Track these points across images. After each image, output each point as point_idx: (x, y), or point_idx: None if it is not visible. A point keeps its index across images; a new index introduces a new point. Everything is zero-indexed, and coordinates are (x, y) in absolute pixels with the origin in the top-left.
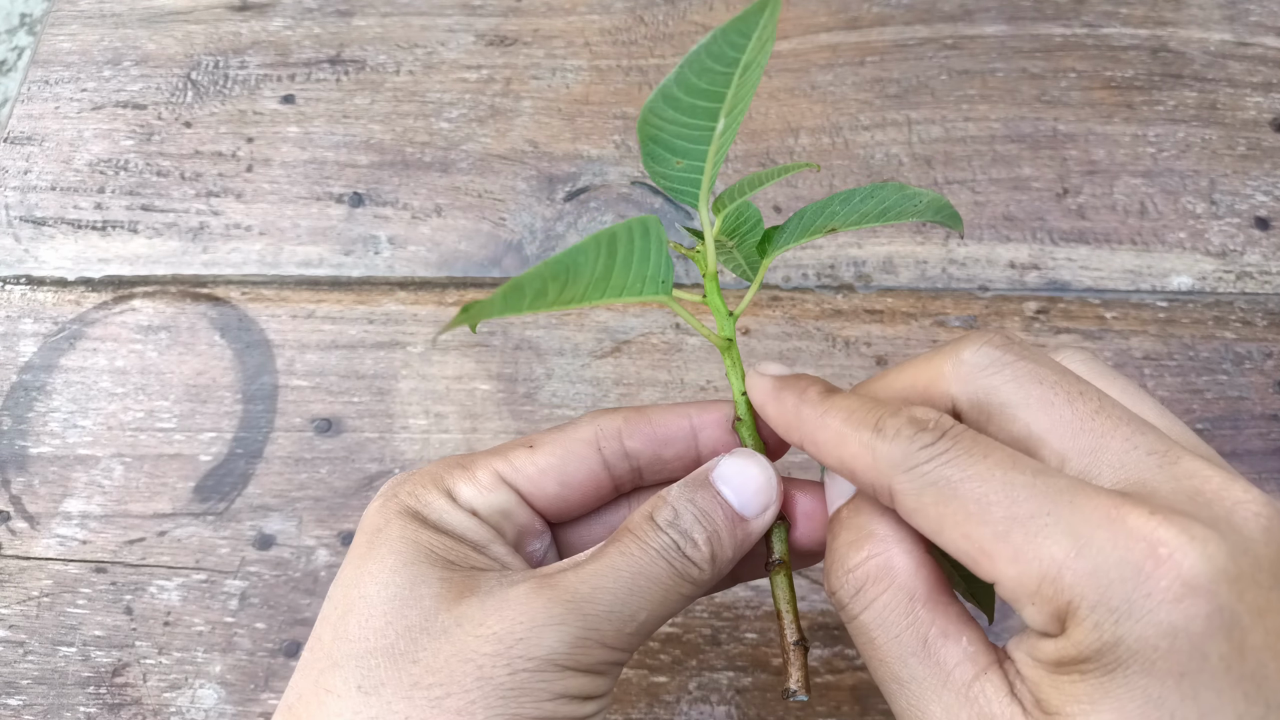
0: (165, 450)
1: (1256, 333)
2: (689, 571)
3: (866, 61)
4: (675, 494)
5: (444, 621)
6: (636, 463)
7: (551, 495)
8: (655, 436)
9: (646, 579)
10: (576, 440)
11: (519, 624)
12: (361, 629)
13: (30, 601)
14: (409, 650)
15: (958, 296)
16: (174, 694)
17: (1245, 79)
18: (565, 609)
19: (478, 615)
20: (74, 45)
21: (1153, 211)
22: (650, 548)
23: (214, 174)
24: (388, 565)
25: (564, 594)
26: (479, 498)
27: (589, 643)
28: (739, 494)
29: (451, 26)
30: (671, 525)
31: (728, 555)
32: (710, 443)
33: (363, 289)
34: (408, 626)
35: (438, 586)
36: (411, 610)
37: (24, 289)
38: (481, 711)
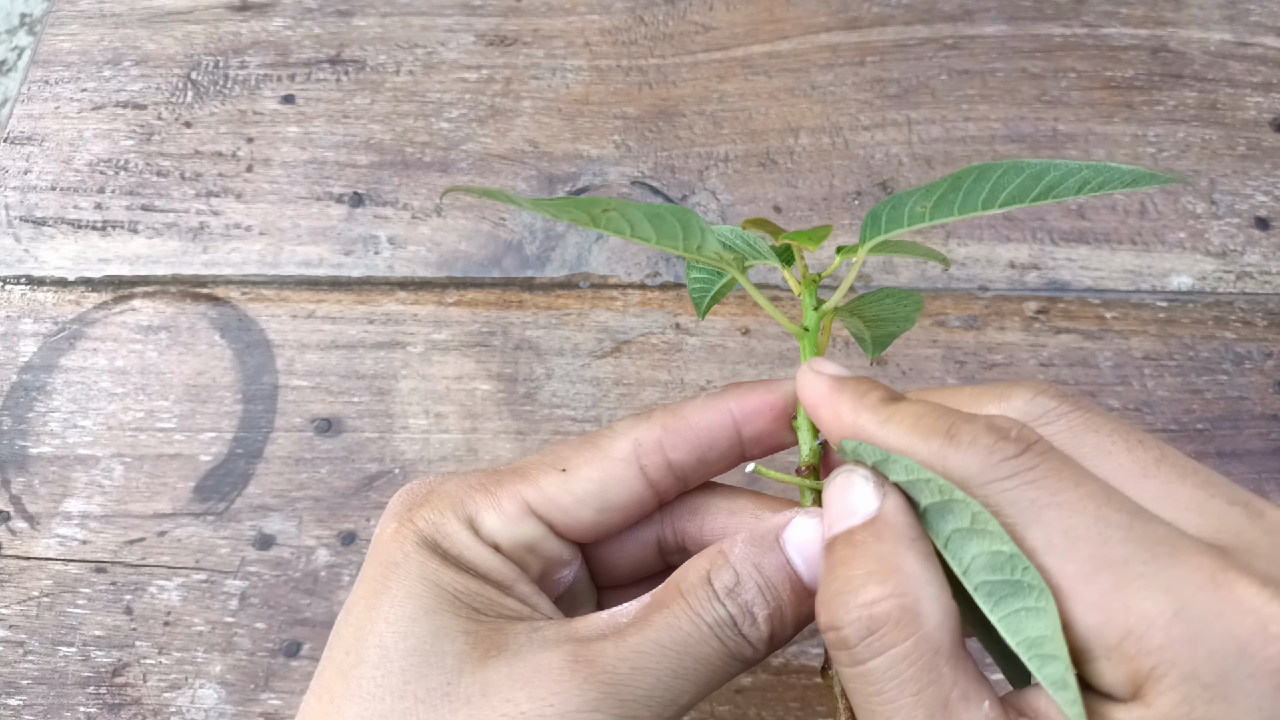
0: (165, 450)
1: (1256, 333)
2: (742, 651)
3: (867, 61)
4: (739, 555)
5: (468, 688)
6: (681, 473)
7: (588, 524)
8: (699, 443)
9: (694, 659)
10: (615, 461)
11: (549, 707)
12: (377, 687)
13: (30, 601)
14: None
15: (957, 296)
16: (174, 694)
17: (1245, 79)
18: (601, 693)
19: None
20: (74, 45)
21: (1153, 211)
22: (703, 622)
23: (214, 174)
24: (407, 612)
25: (601, 673)
26: (503, 530)
27: None
28: (812, 564)
29: (451, 26)
30: (730, 596)
31: (787, 634)
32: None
33: (363, 289)
34: (429, 690)
35: (461, 642)
36: (433, 670)
37: (24, 289)
38: None
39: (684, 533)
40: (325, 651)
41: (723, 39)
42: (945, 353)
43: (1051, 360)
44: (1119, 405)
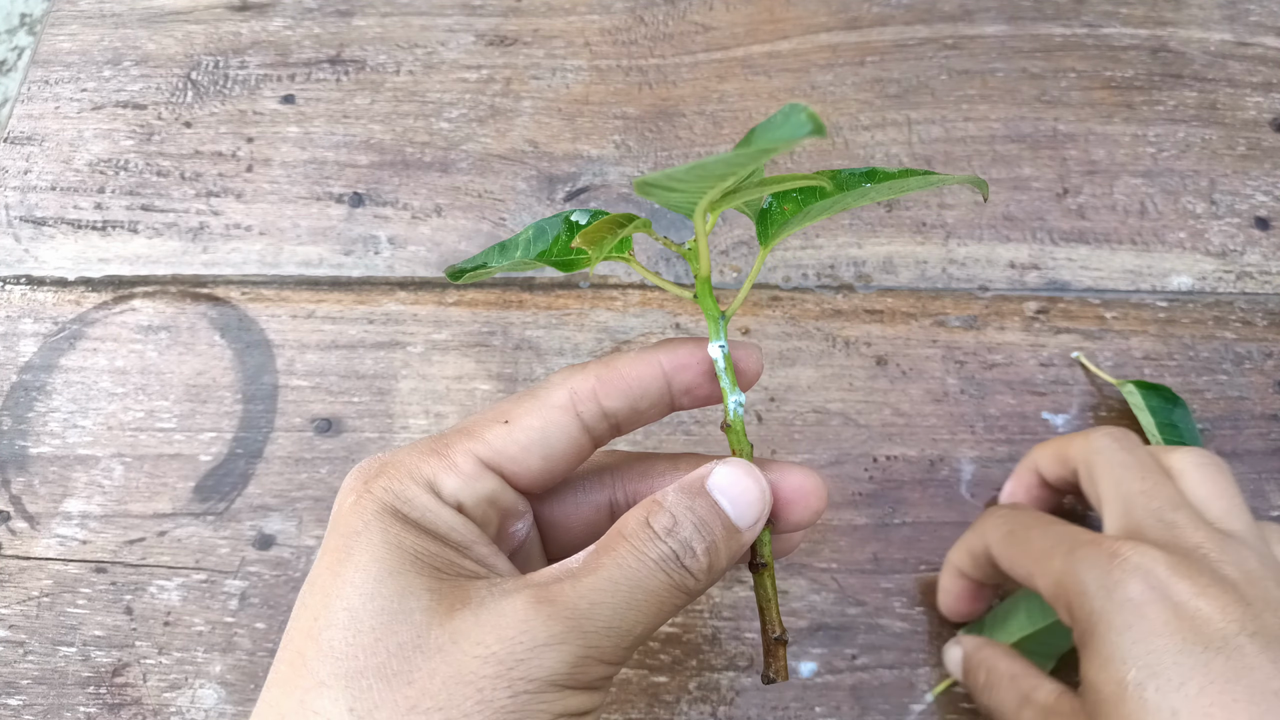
0: (165, 450)
1: (1256, 333)
2: (685, 582)
3: (867, 61)
4: (673, 500)
5: (438, 639)
6: (615, 420)
7: (536, 471)
8: (630, 392)
9: (644, 591)
10: (553, 409)
11: (519, 644)
12: (349, 645)
13: (30, 601)
14: (403, 670)
15: (958, 296)
16: (174, 694)
17: (1245, 79)
18: (565, 627)
19: (473, 632)
20: (74, 45)
21: (1153, 211)
22: (649, 558)
23: (214, 174)
24: (372, 574)
25: (563, 610)
26: (464, 489)
27: (588, 660)
28: (735, 505)
29: (451, 26)
30: (670, 534)
31: (721, 566)
32: (684, 388)
33: (363, 289)
34: (400, 644)
35: (427, 599)
36: (402, 626)
37: (24, 289)
38: None
39: (635, 494)
40: (290, 624)
41: (723, 39)
42: (945, 353)
43: (1052, 360)
44: (1120, 405)
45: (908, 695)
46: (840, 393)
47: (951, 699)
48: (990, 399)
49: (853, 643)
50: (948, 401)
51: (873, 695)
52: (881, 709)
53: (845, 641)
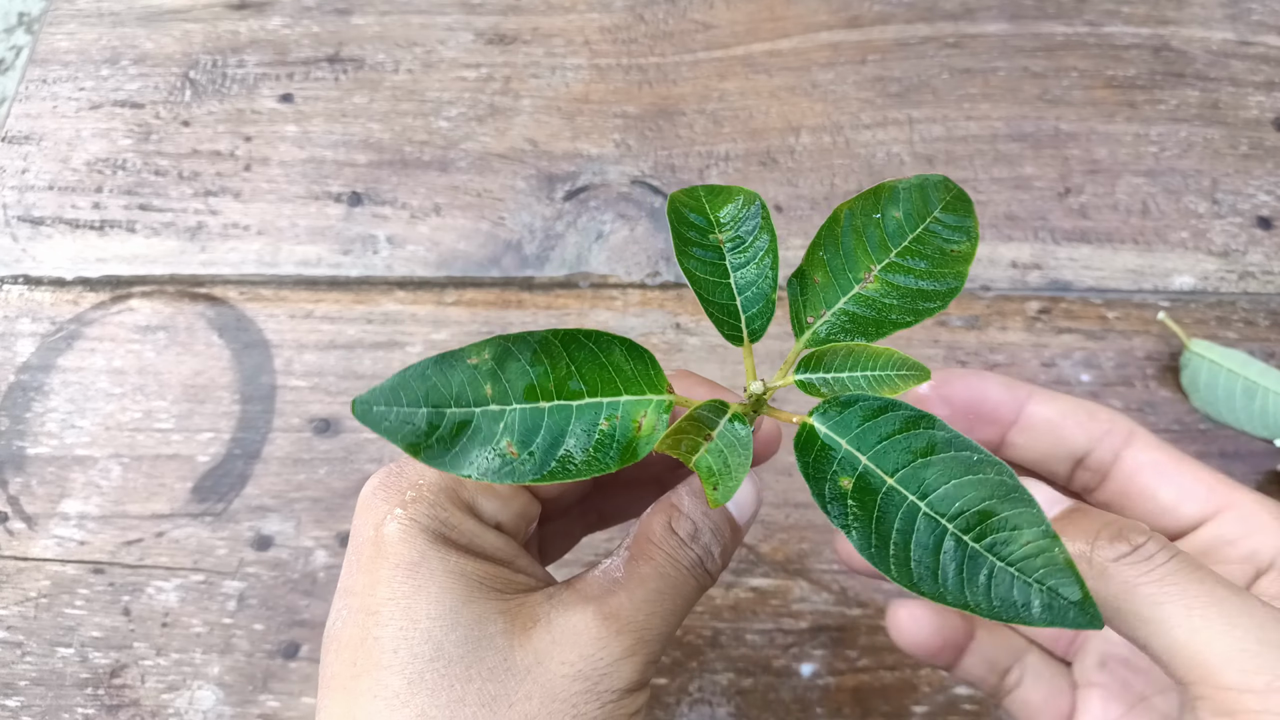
0: (163, 451)
1: (1259, 332)
2: (706, 583)
3: (868, 60)
4: (690, 506)
5: (523, 660)
6: None
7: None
8: None
9: (681, 597)
10: None
11: (600, 661)
12: (441, 676)
13: (28, 602)
14: (501, 694)
15: (959, 296)
16: (172, 695)
17: (1247, 78)
18: (634, 639)
19: (554, 651)
20: (72, 44)
21: (1155, 211)
22: (682, 567)
23: (212, 173)
24: (447, 607)
25: (629, 625)
26: (503, 510)
27: (650, 665)
28: (738, 506)
29: (450, 25)
30: (695, 541)
31: (726, 564)
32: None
33: (361, 289)
34: (490, 668)
35: (501, 623)
36: (487, 652)
37: (21, 289)
38: None
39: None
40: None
41: (723, 37)
42: (947, 352)
43: (1054, 360)
44: (1121, 405)
45: (909, 696)
46: None
47: (951, 700)
48: None
49: (854, 644)
50: None
51: (874, 697)
52: (883, 710)
53: (847, 643)
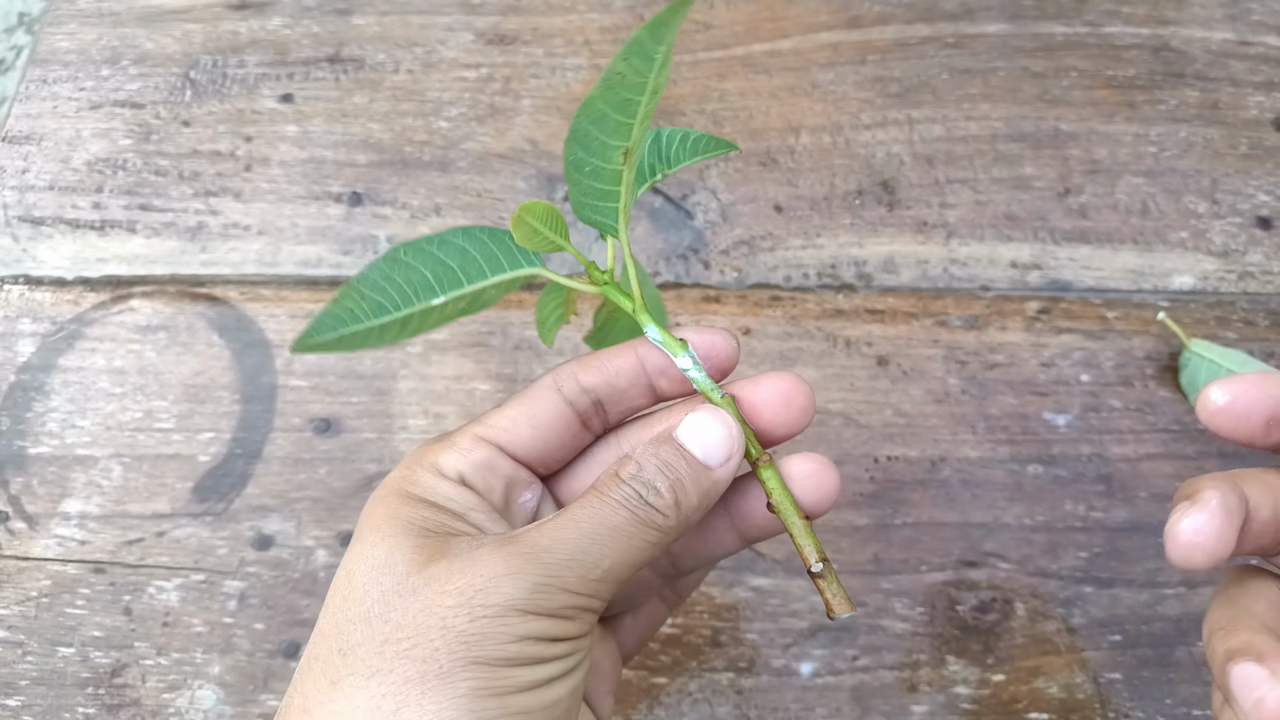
0: (164, 450)
1: (1259, 332)
2: (653, 518)
3: (868, 60)
4: (640, 451)
5: (414, 583)
6: (595, 396)
7: (527, 440)
8: (606, 369)
9: (607, 528)
10: (538, 387)
11: (480, 576)
12: (344, 600)
13: (29, 602)
14: (382, 612)
15: (959, 296)
16: (173, 695)
17: (1247, 78)
18: (524, 560)
19: (444, 575)
20: (72, 44)
21: (1155, 211)
22: (611, 499)
23: (212, 173)
24: (369, 543)
25: (523, 547)
26: (462, 460)
27: (549, 589)
28: (701, 445)
29: (451, 25)
30: (634, 478)
31: (693, 502)
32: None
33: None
34: (382, 592)
35: (410, 553)
36: (385, 577)
37: (22, 289)
38: (445, 656)
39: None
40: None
41: (723, 37)
42: (946, 353)
43: (1053, 360)
44: (1121, 405)
45: (908, 696)
46: (841, 393)
47: (951, 699)
48: (991, 399)
49: (853, 643)
50: (949, 402)
51: (873, 696)
52: (882, 709)
53: (846, 642)
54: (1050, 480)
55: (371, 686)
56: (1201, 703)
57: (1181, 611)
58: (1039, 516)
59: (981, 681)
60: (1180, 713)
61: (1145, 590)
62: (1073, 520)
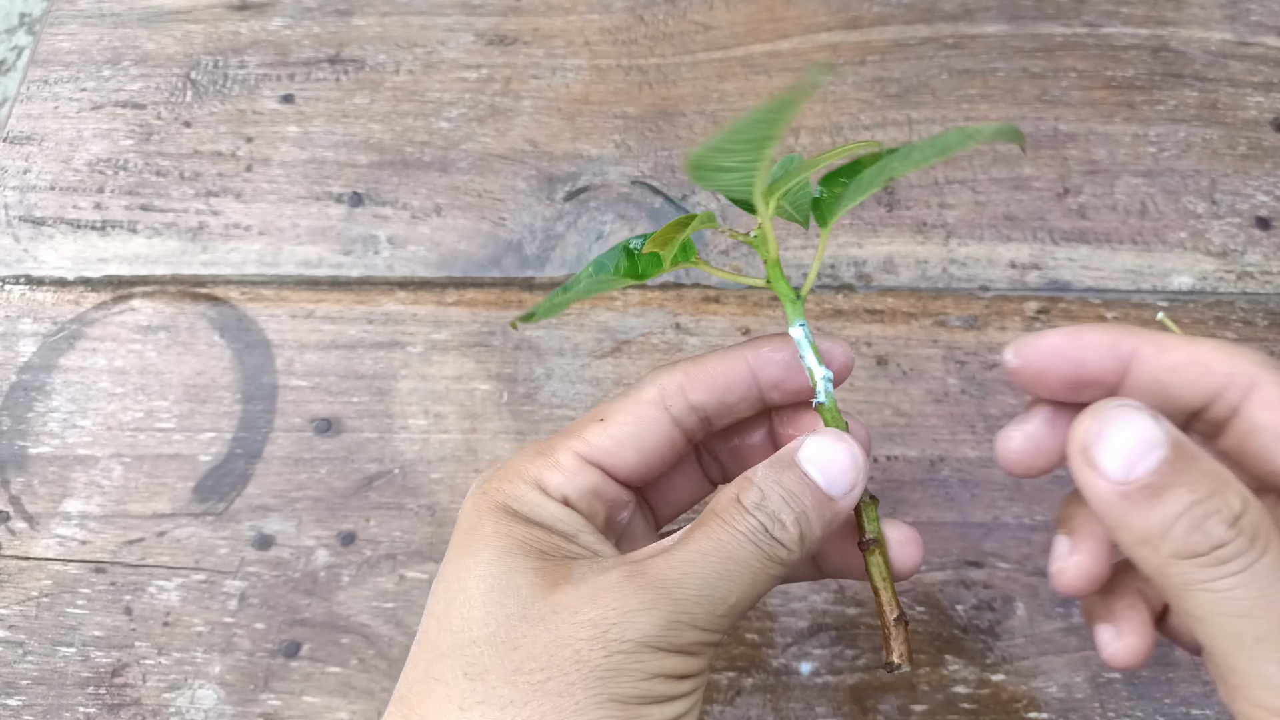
0: (164, 450)
1: (1257, 333)
2: (777, 553)
3: (867, 61)
4: (761, 476)
5: (541, 610)
6: (704, 414)
7: (632, 464)
8: (717, 385)
9: (735, 562)
10: (644, 404)
11: (612, 609)
12: (464, 620)
13: (29, 602)
14: (510, 638)
15: (958, 296)
16: (173, 694)
17: (1246, 79)
18: (656, 595)
19: (573, 603)
20: (73, 45)
21: (1153, 211)
22: (738, 531)
23: (213, 173)
24: (484, 559)
25: (654, 580)
26: (567, 484)
27: (680, 625)
28: (825, 473)
29: (451, 26)
30: (759, 508)
31: (816, 535)
32: (771, 379)
33: (362, 289)
34: (507, 615)
35: (532, 576)
36: (510, 600)
37: (23, 289)
38: (581, 691)
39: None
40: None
41: (723, 38)
42: (946, 353)
43: None
44: None
45: (908, 695)
46: (840, 392)
47: (951, 699)
48: (991, 399)
49: (854, 643)
50: (948, 402)
51: (873, 695)
52: (882, 709)
53: (846, 641)
54: (1050, 480)
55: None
56: (1201, 703)
57: None
58: (1039, 516)
59: (981, 681)
60: (1179, 712)
61: None
62: None
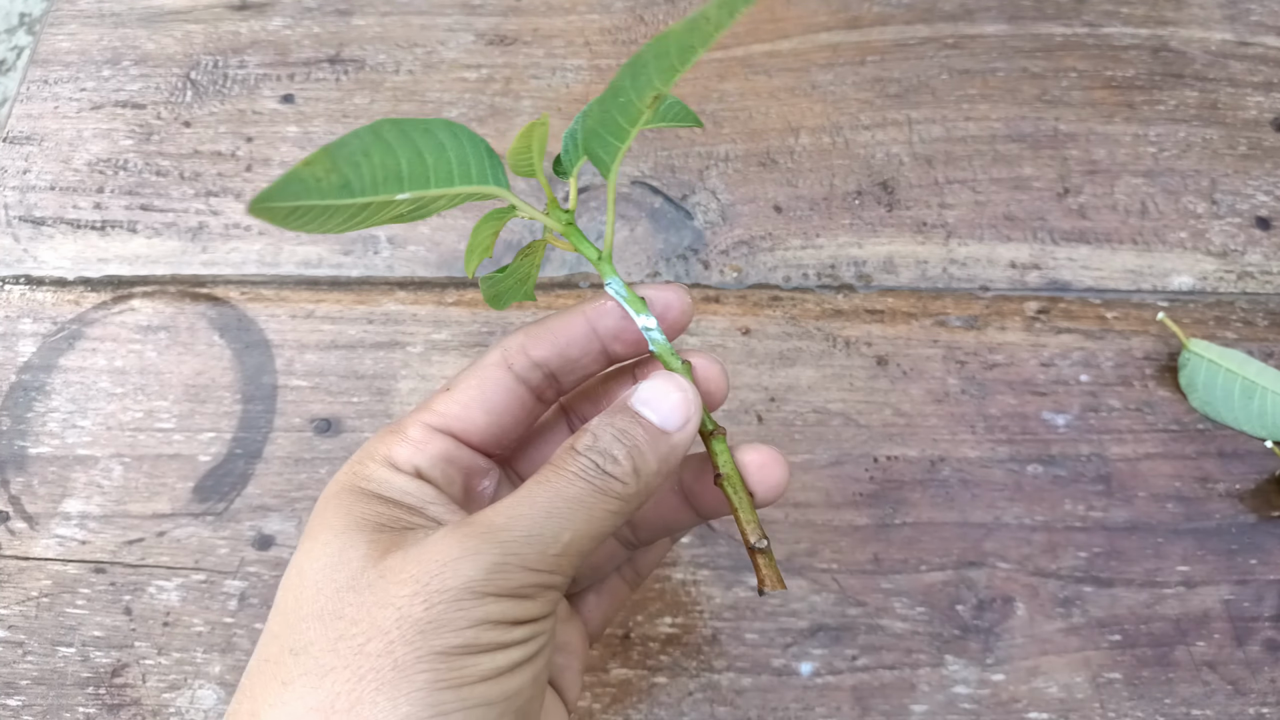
0: (164, 450)
1: (1258, 333)
2: (611, 486)
3: (867, 61)
4: (595, 422)
5: (369, 577)
6: (548, 369)
7: (482, 426)
8: (557, 340)
9: (565, 500)
10: (488, 366)
11: (434, 562)
12: (296, 599)
13: (29, 602)
14: (335, 609)
15: (958, 296)
16: (173, 694)
17: (1246, 78)
18: (479, 540)
19: (399, 565)
20: (73, 45)
21: (1154, 211)
22: (567, 471)
23: (213, 173)
24: (320, 540)
25: (479, 529)
26: (416, 454)
27: (508, 567)
28: (657, 411)
29: (451, 26)
30: (590, 449)
31: (652, 467)
32: (609, 331)
33: (362, 289)
34: (336, 588)
35: (365, 548)
36: (340, 573)
37: (23, 289)
38: (401, 648)
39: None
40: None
41: (723, 38)
42: (946, 353)
43: (1052, 360)
44: (1120, 405)
45: (908, 696)
46: (841, 393)
47: (951, 699)
48: (991, 399)
49: (853, 643)
50: (948, 402)
51: (873, 696)
52: (882, 709)
53: (845, 642)
54: (1050, 480)
55: (325, 685)
56: (1201, 703)
57: (1181, 611)
58: (1038, 516)
59: (981, 681)
60: (1180, 712)
61: (1145, 590)
62: (1072, 520)
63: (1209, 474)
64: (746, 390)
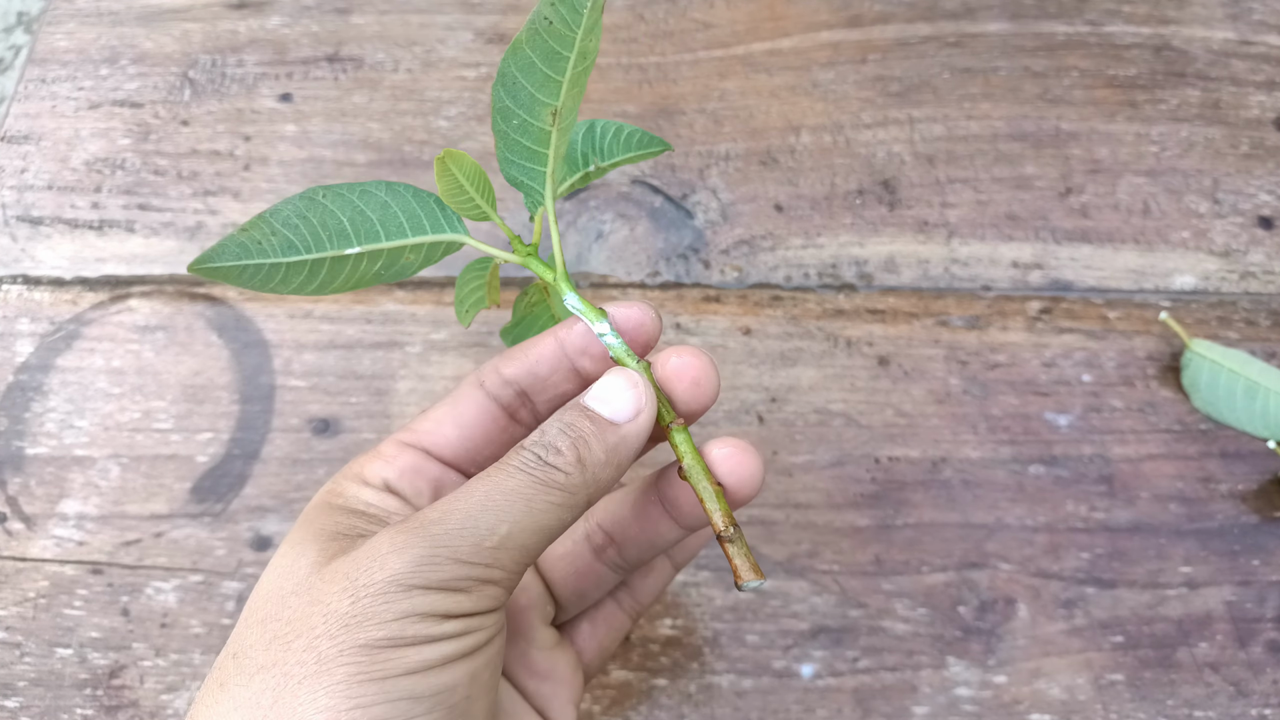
0: (162, 451)
1: (1260, 332)
2: (552, 477)
3: (869, 59)
4: (546, 422)
5: (312, 580)
6: (518, 386)
7: (454, 439)
8: (527, 359)
9: (502, 493)
10: (462, 386)
11: (365, 558)
12: (249, 609)
13: (27, 603)
14: (275, 613)
15: (960, 296)
16: (171, 696)
17: (1248, 78)
18: (410, 534)
19: (337, 566)
20: (71, 44)
21: (1156, 211)
22: (509, 465)
23: (211, 173)
24: (280, 553)
25: (412, 525)
26: (387, 468)
27: (437, 559)
28: (608, 405)
29: (450, 24)
30: (535, 443)
31: (599, 457)
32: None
33: (360, 288)
34: (281, 594)
35: (314, 555)
36: (287, 580)
37: (20, 289)
38: (325, 642)
39: None
40: None
41: (724, 36)
42: (948, 353)
43: (1054, 360)
44: (1123, 405)
45: (909, 697)
46: (842, 393)
47: (952, 700)
48: (993, 399)
49: (854, 645)
50: (950, 402)
51: (874, 698)
52: (883, 711)
53: (847, 644)
54: (1052, 481)
55: (254, 684)
56: (1204, 704)
57: (1183, 613)
58: (1041, 517)
59: (983, 683)
60: (1182, 714)
61: (1147, 591)
62: (1074, 521)
63: (1211, 475)
64: (747, 390)
